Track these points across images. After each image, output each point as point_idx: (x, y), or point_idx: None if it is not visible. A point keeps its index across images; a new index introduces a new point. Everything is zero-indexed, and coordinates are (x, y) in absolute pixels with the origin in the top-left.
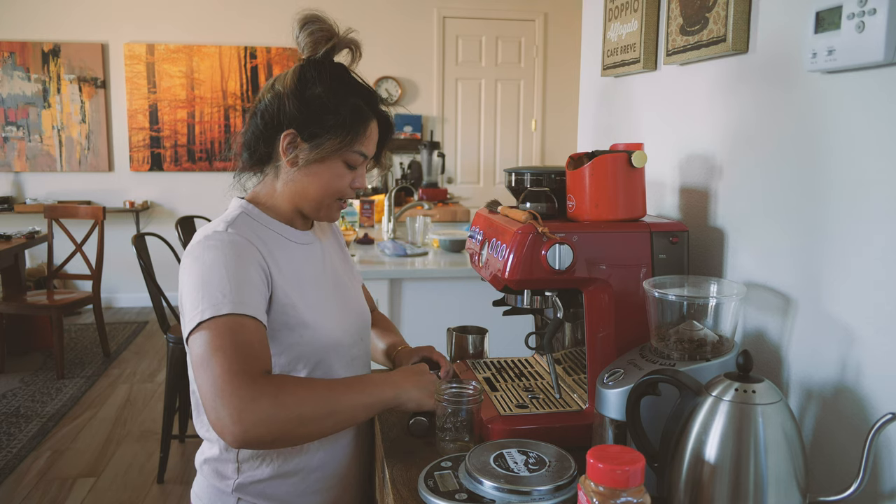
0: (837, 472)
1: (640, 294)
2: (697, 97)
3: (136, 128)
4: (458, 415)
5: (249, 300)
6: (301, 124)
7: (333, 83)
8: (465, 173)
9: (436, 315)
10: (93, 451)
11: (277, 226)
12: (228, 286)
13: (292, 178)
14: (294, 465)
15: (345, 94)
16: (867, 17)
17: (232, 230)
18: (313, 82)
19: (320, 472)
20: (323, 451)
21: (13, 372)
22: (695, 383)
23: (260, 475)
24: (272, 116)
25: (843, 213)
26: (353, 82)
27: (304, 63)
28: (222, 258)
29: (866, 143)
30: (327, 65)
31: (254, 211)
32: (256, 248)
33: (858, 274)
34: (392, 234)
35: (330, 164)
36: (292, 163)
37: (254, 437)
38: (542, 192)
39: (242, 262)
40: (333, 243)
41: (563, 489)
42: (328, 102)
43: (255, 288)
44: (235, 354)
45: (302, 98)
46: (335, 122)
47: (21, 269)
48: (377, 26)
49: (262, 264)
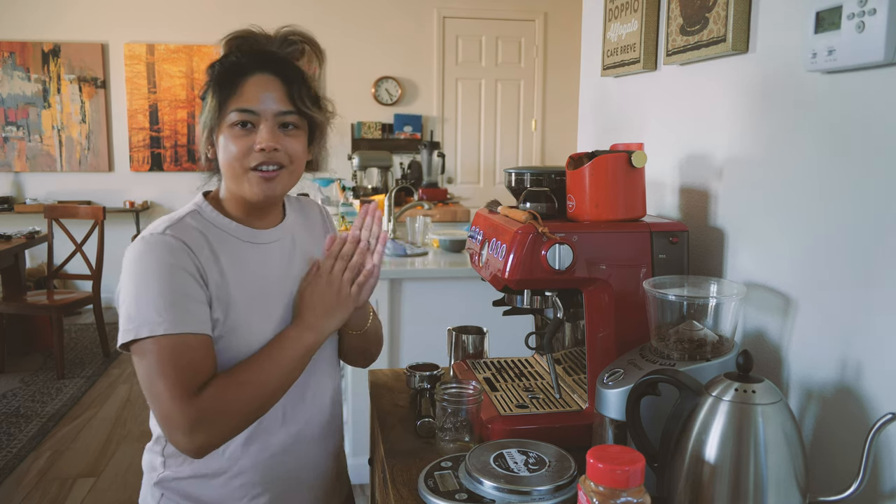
0: (837, 472)
1: (640, 294)
2: (697, 97)
3: (136, 128)
4: (458, 415)
5: (185, 316)
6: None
7: (216, 62)
8: (465, 173)
9: (436, 315)
10: (93, 451)
11: (227, 224)
12: (163, 303)
13: (220, 167)
14: (215, 468)
15: (220, 63)
16: (867, 17)
17: (170, 231)
18: (206, 72)
19: (245, 479)
20: (246, 457)
21: (13, 372)
22: (695, 383)
23: (181, 473)
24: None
25: (844, 212)
26: (235, 50)
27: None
28: (156, 268)
29: (866, 143)
30: (225, 51)
31: (205, 208)
32: (191, 251)
33: (859, 273)
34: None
35: (225, 134)
36: (210, 151)
37: (209, 448)
38: (542, 192)
39: (175, 271)
40: (307, 244)
41: (563, 489)
42: (208, 79)
43: (190, 299)
44: (176, 377)
45: (201, 91)
46: (210, 90)
47: (21, 269)
48: (377, 26)
49: (195, 270)
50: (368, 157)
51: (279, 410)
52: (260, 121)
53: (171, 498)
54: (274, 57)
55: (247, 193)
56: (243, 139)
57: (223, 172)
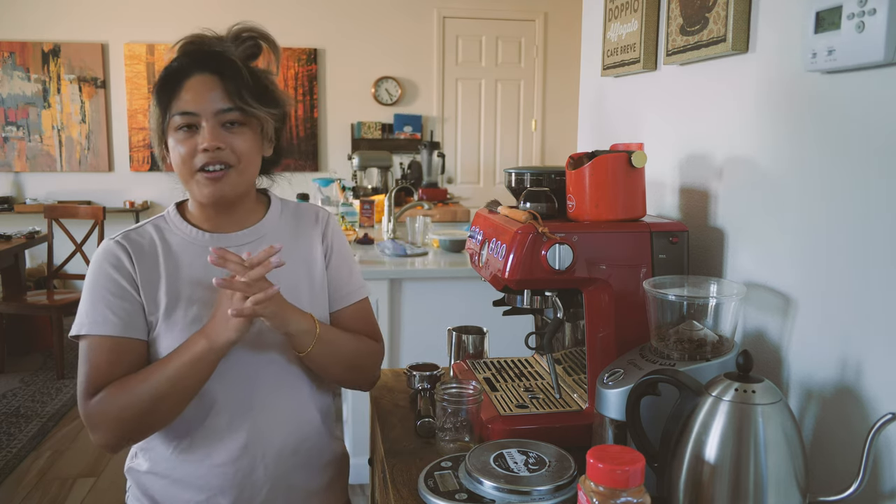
0: (837, 472)
1: (640, 294)
2: (697, 97)
3: (136, 128)
4: (458, 415)
5: (102, 319)
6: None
7: (165, 66)
8: (465, 173)
9: (436, 315)
10: (93, 451)
11: (185, 229)
12: (90, 305)
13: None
14: (161, 469)
15: (165, 67)
16: (867, 17)
17: (121, 237)
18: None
19: (187, 484)
20: (191, 462)
21: (13, 372)
22: (695, 383)
23: (140, 466)
24: None
25: (844, 212)
26: (179, 54)
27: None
28: (93, 274)
29: (866, 143)
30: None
31: (171, 214)
32: (131, 257)
33: (859, 273)
34: (392, 234)
35: (171, 137)
36: (162, 158)
37: (111, 447)
38: (542, 192)
39: (107, 277)
40: (290, 250)
41: (563, 489)
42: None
43: (112, 303)
44: (84, 376)
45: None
46: (154, 98)
47: (21, 269)
48: (377, 26)
49: (129, 276)
50: (368, 157)
51: (223, 419)
52: (201, 121)
53: (134, 490)
54: (213, 56)
55: (197, 195)
56: (187, 141)
57: (178, 176)
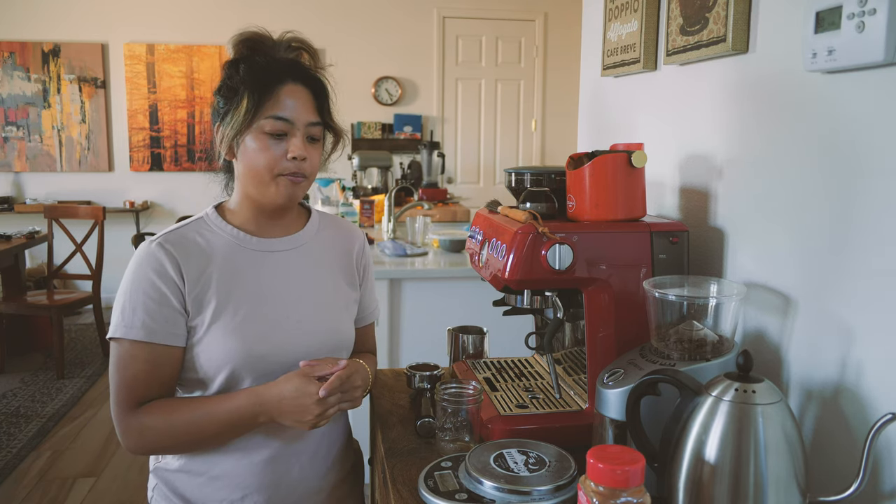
0: (837, 472)
1: (640, 294)
2: (697, 97)
3: (136, 128)
4: (458, 415)
5: (140, 324)
6: (221, 113)
7: (240, 63)
8: (465, 173)
9: (436, 315)
10: (93, 451)
11: (232, 231)
12: (129, 310)
13: (238, 171)
14: (198, 465)
15: (249, 66)
16: (867, 17)
17: (162, 240)
18: (225, 71)
19: (225, 482)
20: (230, 459)
21: (13, 372)
22: (695, 383)
23: (170, 465)
24: (211, 119)
25: (844, 212)
26: (262, 56)
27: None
28: (132, 276)
29: (866, 143)
30: (240, 52)
31: (212, 216)
32: (176, 259)
33: (859, 273)
34: (392, 234)
35: (253, 139)
36: (228, 153)
37: (138, 454)
38: (542, 192)
39: (149, 283)
40: (329, 261)
41: (563, 489)
42: (233, 79)
43: (151, 310)
44: (120, 384)
45: (218, 90)
46: (241, 93)
47: (21, 269)
48: (377, 26)
49: (176, 278)
50: (368, 157)
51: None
52: (293, 130)
53: (161, 488)
54: (303, 67)
55: (271, 196)
56: (275, 147)
57: (244, 176)
